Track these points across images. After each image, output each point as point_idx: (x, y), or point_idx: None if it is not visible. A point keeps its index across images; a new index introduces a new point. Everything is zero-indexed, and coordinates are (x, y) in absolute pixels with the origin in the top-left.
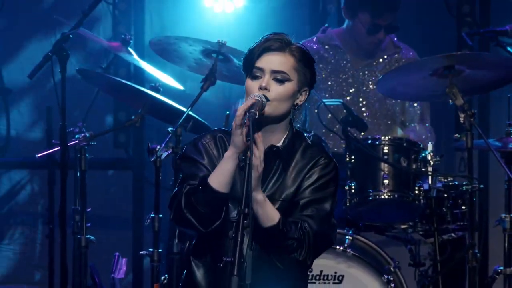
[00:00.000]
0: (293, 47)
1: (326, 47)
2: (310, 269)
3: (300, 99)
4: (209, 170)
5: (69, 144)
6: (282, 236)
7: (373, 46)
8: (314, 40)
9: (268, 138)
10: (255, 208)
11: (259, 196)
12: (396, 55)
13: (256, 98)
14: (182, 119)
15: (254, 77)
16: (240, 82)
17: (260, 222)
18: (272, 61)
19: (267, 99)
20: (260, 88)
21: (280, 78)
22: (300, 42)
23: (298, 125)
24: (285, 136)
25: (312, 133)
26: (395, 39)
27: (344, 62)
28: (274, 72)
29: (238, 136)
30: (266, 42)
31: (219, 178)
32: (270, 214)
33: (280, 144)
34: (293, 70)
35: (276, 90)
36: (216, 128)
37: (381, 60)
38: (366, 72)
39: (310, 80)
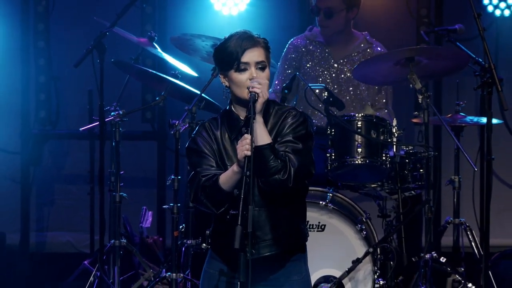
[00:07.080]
0: (261, 41)
1: (313, 43)
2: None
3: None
4: (209, 155)
5: (106, 120)
6: (271, 156)
7: (326, 32)
8: (303, 37)
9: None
10: (255, 126)
11: (260, 118)
12: (368, 50)
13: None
14: (196, 100)
15: (241, 70)
16: None
17: (258, 141)
18: (254, 55)
19: None
20: (251, 78)
21: (261, 66)
22: (292, 39)
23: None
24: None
25: (301, 110)
26: (368, 37)
27: (326, 55)
28: (257, 63)
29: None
30: (243, 41)
31: (228, 183)
32: (265, 135)
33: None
34: (266, 58)
35: (263, 76)
36: (205, 120)
37: (356, 53)
38: (344, 63)
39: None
